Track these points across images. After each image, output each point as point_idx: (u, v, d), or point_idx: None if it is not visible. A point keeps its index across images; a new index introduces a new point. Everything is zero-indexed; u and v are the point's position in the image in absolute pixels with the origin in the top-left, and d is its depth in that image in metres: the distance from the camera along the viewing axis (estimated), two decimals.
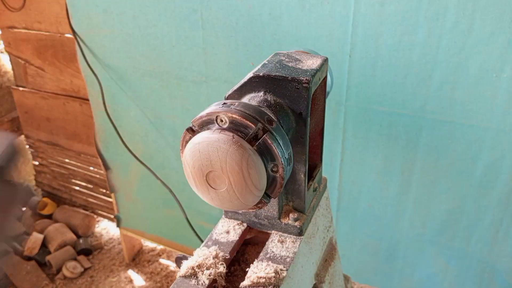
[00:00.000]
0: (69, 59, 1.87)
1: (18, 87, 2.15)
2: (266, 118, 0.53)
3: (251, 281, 0.58)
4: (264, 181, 0.52)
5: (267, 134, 0.51)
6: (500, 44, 0.99)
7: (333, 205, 1.42)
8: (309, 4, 1.14)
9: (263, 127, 0.52)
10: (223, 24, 1.29)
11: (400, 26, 1.07)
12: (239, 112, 0.52)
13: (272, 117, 0.54)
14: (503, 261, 1.26)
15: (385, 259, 1.45)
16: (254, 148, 0.51)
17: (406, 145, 1.21)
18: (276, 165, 0.53)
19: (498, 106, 1.06)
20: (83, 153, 2.14)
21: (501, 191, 1.16)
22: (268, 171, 0.53)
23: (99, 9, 1.48)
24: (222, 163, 0.51)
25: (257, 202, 0.54)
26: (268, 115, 0.54)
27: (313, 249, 0.72)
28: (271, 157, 0.52)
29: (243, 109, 0.53)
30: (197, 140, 0.52)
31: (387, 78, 1.14)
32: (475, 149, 1.14)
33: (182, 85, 1.48)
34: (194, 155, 0.52)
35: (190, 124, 0.54)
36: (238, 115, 0.51)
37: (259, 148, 0.51)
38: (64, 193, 2.42)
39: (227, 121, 0.52)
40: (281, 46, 1.23)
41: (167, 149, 1.66)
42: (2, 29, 2.00)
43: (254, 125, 0.51)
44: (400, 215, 1.33)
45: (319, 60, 0.64)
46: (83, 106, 1.95)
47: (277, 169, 0.53)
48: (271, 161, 0.53)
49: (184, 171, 0.55)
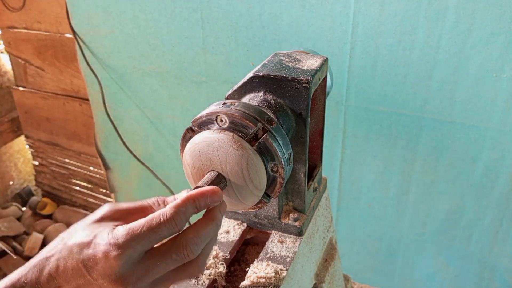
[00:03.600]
0: (69, 59, 1.86)
1: (18, 87, 2.15)
2: (266, 118, 0.53)
3: (251, 281, 0.58)
4: (264, 181, 0.52)
5: (267, 134, 0.51)
6: (500, 44, 0.99)
7: (333, 205, 1.42)
8: (309, 4, 1.14)
9: (263, 127, 0.52)
10: (223, 24, 1.29)
11: (400, 26, 1.06)
12: (239, 112, 0.52)
13: (272, 117, 0.54)
14: (503, 261, 1.26)
15: (385, 259, 1.45)
16: (254, 148, 0.51)
17: (406, 145, 1.21)
18: (276, 165, 0.53)
19: (498, 106, 1.06)
20: (83, 153, 2.14)
21: (501, 191, 1.16)
22: (268, 171, 0.53)
23: (99, 9, 1.48)
24: (222, 163, 0.51)
25: (257, 202, 0.54)
26: (268, 115, 0.54)
27: (313, 249, 0.72)
28: (271, 157, 0.52)
29: (243, 109, 0.53)
30: (197, 140, 0.52)
31: (387, 78, 1.14)
32: (475, 149, 1.14)
33: (182, 85, 1.48)
34: (194, 155, 0.52)
35: (190, 124, 0.54)
36: (238, 115, 0.51)
37: (259, 148, 0.51)
38: (64, 193, 2.42)
39: (227, 121, 0.52)
40: (281, 46, 1.23)
41: (167, 149, 1.66)
42: (2, 29, 2.00)
43: (254, 125, 0.51)
44: (400, 215, 1.33)
45: (319, 60, 0.64)
46: (83, 106, 1.95)
47: (277, 169, 0.53)
48: (271, 161, 0.53)
49: (184, 171, 0.55)
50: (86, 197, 2.33)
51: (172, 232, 0.44)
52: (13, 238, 2.25)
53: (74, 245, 0.43)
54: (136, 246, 0.42)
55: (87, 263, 0.42)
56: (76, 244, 0.43)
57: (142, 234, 0.42)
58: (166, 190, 1.65)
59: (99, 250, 0.42)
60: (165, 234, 0.44)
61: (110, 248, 0.41)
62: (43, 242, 2.20)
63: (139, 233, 0.42)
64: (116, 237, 0.42)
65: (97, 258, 0.42)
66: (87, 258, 0.42)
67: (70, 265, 0.43)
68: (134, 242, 0.42)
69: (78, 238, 0.44)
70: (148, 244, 0.43)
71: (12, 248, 2.19)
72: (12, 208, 2.40)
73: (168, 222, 0.43)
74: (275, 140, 0.52)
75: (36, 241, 2.17)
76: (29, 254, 2.15)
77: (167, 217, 0.43)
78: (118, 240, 0.42)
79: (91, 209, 2.36)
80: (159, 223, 0.43)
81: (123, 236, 0.42)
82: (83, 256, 0.42)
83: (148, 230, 0.42)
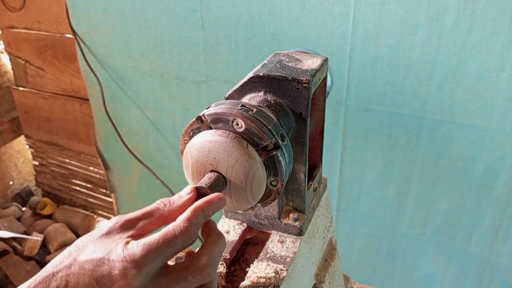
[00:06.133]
0: (69, 59, 1.86)
1: (18, 87, 2.14)
2: (280, 133, 0.53)
3: (251, 281, 0.58)
4: (262, 193, 0.54)
5: (278, 151, 0.52)
6: (500, 44, 0.99)
7: (333, 205, 1.42)
8: (309, 4, 1.14)
9: (276, 142, 0.52)
10: (223, 24, 1.29)
11: (400, 26, 1.06)
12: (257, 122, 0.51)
13: (284, 133, 0.54)
14: (503, 261, 1.26)
15: (385, 259, 1.45)
16: (262, 158, 0.51)
17: (406, 145, 1.21)
18: (277, 180, 0.53)
19: (498, 106, 1.06)
20: (83, 153, 2.14)
21: (501, 191, 1.16)
22: (267, 183, 0.53)
23: (99, 9, 1.48)
24: (229, 167, 0.51)
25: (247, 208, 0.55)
26: (282, 130, 0.54)
27: (313, 249, 0.72)
28: (275, 171, 0.53)
29: (261, 118, 0.52)
30: (209, 138, 0.51)
31: (387, 78, 1.14)
32: (475, 149, 1.14)
33: (182, 85, 1.48)
34: (202, 152, 0.52)
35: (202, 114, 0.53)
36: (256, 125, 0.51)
37: (266, 160, 0.52)
38: (64, 193, 2.42)
39: (243, 127, 0.51)
40: (281, 46, 1.23)
41: (167, 149, 1.66)
42: (2, 29, 2.00)
43: (270, 139, 0.51)
44: (400, 215, 1.33)
45: (319, 60, 0.64)
46: (83, 106, 1.95)
47: (277, 184, 0.54)
48: (273, 175, 0.53)
49: (183, 160, 0.55)
50: (86, 197, 2.33)
51: (187, 244, 0.44)
52: (13, 238, 2.25)
53: (86, 261, 0.42)
54: (153, 261, 0.41)
55: (101, 280, 0.41)
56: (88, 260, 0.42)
57: (158, 249, 0.42)
58: (166, 190, 1.65)
59: (115, 267, 0.41)
60: (180, 247, 0.43)
61: (127, 265, 0.40)
62: (43, 242, 2.20)
63: (155, 248, 0.41)
64: (132, 253, 0.41)
65: (113, 275, 0.41)
66: (101, 275, 0.41)
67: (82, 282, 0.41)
68: (151, 257, 0.41)
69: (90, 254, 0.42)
70: (165, 259, 0.42)
71: (12, 248, 2.19)
72: (12, 208, 2.40)
73: (183, 235, 0.43)
74: (283, 158, 0.52)
75: (36, 241, 2.17)
76: (29, 254, 2.15)
77: (181, 230, 0.43)
78: (134, 256, 0.41)
79: (91, 209, 2.36)
80: (174, 237, 0.43)
81: (139, 251, 0.41)
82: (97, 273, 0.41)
83: (163, 244, 0.42)
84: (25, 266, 2.13)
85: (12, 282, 2.07)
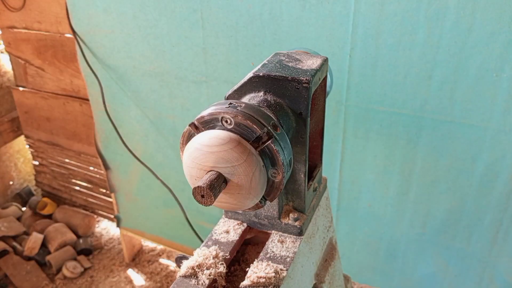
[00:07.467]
0: (69, 59, 1.87)
1: (18, 87, 2.15)
2: (272, 124, 0.53)
3: (251, 281, 0.58)
4: (263, 190, 0.53)
5: (272, 140, 0.52)
6: (500, 44, 0.99)
7: (333, 205, 1.42)
8: (309, 4, 1.14)
9: (267, 131, 0.52)
10: (223, 24, 1.29)
11: (400, 26, 1.06)
12: (245, 115, 0.52)
13: (276, 123, 0.54)
14: (503, 261, 1.26)
15: (385, 259, 1.45)
16: (258, 151, 0.51)
17: (406, 145, 1.21)
18: (277, 171, 0.53)
19: (498, 106, 1.06)
20: (83, 153, 2.14)
21: (501, 191, 1.16)
22: (268, 176, 0.53)
23: (99, 9, 1.48)
24: (230, 168, 0.51)
25: (253, 205, 0.55)
26: (274, 120, 0.54)
27: (313, 249, 0.72)
28: (273, 162, 0.53)
29: (250, 112, 0.52)
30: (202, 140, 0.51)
31: (387, 78, 1.14)
32: (475, 149, 1.14)
33: (182, 85, 1.48)
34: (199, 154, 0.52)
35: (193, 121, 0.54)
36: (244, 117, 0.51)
37: (262, 152, 0.52)
38: (64, 193, 2.42)
39: (232, 123, 0.52)
40: (281, 46, 1.23)
41: (167, 149, 1.66)
42: (2, 29, 2.00)
43: (260, 130, 0.51)
44: (400, 215, 1.33)
45: (319, 60, 0.64)
46: (83, 106, 1.95)
47: (277, 174, 0.53)
48: (272, 167, 0.53)
49: (183, 162, 0.55)
50: (86, 197, 2.33)
51: None
52: (13, 238, 2.25)
53: None
54: None
55: None
56: None
57: None
58: (166, 190, 1.65)
59: None
60: None
61: None
62: (43, 242, 2.20)
63: None
64: None
65: None
66: None
67: None
68: None
69: None
70: None
71: (12, 248, 2.19)
72: (12, 208, 2.40)
73: None
74: (279, 147, 0.52)
75: (36, 241, 2.17)
76: (29, 254, 2.15)
77: None
78: None
79: (91, 209, 2.36)
80: None
81: None
82: None
83: None
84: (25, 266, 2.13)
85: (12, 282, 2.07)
